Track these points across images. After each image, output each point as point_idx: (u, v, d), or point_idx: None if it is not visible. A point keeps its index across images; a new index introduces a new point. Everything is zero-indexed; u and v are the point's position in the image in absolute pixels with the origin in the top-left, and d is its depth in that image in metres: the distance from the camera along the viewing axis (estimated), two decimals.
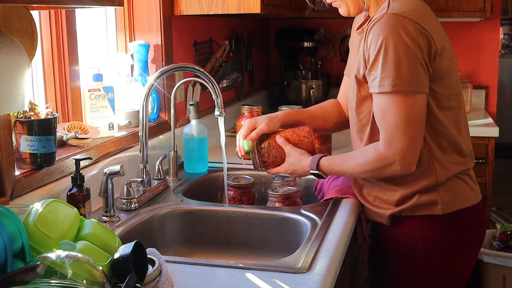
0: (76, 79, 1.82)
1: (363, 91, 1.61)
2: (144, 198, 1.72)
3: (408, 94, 1.49)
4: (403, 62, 1.47)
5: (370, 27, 1.53)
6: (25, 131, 1.44)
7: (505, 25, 7.44)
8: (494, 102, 3.58)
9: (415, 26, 1.48)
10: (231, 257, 1.70)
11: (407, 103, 1.49)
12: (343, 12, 1.67)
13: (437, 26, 1.58)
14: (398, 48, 1.46)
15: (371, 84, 1.53)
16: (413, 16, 1.49)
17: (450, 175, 1.61)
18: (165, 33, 2.16)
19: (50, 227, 1.10)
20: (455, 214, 1.63)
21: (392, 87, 1.48)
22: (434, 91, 1.55)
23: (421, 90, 1.50)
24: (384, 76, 1.48)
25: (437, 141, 1.59)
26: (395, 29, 1.47)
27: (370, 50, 1.51)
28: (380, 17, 1.51)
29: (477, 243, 1.75)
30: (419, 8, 1.55)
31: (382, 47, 1.48)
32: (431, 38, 1.50)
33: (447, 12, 3.15)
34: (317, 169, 1.65)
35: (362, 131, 1.66)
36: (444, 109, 1.59)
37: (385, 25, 1.48)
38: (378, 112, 1.53)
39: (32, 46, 1.42)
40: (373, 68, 1.51)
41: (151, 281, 1.17)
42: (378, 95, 1.52)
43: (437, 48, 1.52)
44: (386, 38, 1.47)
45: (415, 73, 1.48)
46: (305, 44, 3.49)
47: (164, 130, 2.16)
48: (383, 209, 1.67)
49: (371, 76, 1.53)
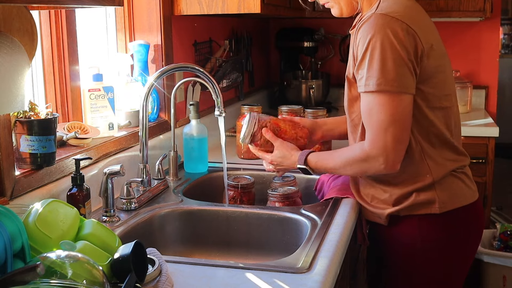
0: (76, 79, 1.82)
1: (353, 90, 1.62)
2: (144, 198, 1.72)
3: (393, 94, 1.49)
4: (389, 63, 1.47)
5: (359, 26, 1.54)
6: (25, 131, 1.44)
7: (505, 25, 7.44)
8: (494, 102, 3.58)
9: (402, 26, 1.49)
10: (231, 257, 1.70)
11: (392, 103, 1.49)
12: (336, 13, 1.68)
13: (427, 26, 1.58)
14: (384, 48, 1.47)
15: (359, 84, 1.55)
16: (401, 16, 1.50)
17: (445, 172, 1.62)
18: (165, 33, 2.16)
19: (50, 227, 1.10)
20: (452, 212, 1.63)
21: (376, 86, 1.49)
22: (423, 91, 1.56)
23: (406, 91, 1.51)
24: (370, 75, 1.49)
25: (428, 139, 1.60)
26: (383, 29, 1.48)
27: (358, 49, 1.53)
28: (368, 17, 1.52)
29: (475, 241, 1.76)
30: (408, 8, 1.56)
31: (369, 47, 1.49)
32: (418, 38, 1.51)
33: (447, 12, 3.16)
34: (305, 163, 1.66)
35: (354, 131, 1.67)
36: (434, 109, 1.59)
37: (372, 25, 1.49)
38: (365, 112, 1.55)
39: (32, 46, 1.42)
40: (360, 67, 1.53)
41: (151, 281, 1.17)
42: (364, 94, 1.53)
43: (424, 48, 1.52)
44: (373, 38, 1.48)
45: (400, 74, 1.49)
46: (305, 44, 3.49)
47: (164, 130, 2.16)
48: (381, 209, 1.67)
49: (358, 75, 1.54)
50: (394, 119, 1.50)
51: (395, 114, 1.50)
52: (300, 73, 3.62)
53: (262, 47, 3.62)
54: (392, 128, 1.50)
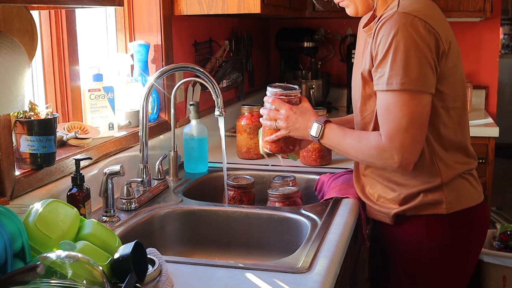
0: (76, 79, 1.82)
1: (368, 89, 1.61)
2: (144, 198, 1.72)
3: (414, 93, 1.49)
4: (413, 61, 1.47)
5: (381, 25, 1.52)
6: (25, 131, 1.44)
7: (505, 25, 7.45)
8: (494, 102, 3.58)
9: (425, 25, 1.48)
10: (231, 257, 1.70)
11: (413, 102, 1.49)
12: (351, 12, 1.67)
13: (445, 26, 1.58)
14: (408, 46, 1.47)
15: (377, 82, 1.53)
16: (423, 15, 1.49)
17: (454, 174, 1.62)
18: (165, 33, 2.16)
19: (50, 227, 1.10)
20: (459, 213, 1.63)
21: (400, 85, 1.48)
22: (440, 91, 1.55)
23: (428, 90, 1.50)
24: (393, 74, 1.48)
25: (440, 141, 1.60)
26: (406, 27, 1.47)
27: (379, 47, 1.51)
28: (390, 15, 1.50)
29: (480, 242, 1.76)
30: (428, 7, 1.55)
31: (392, 45, 1.48)
32: (439, 37, 1.51)
33: (447, 12, 3.15)
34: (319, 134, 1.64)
35: (365, 129, 1.66)
36: (449, 110, 1.59)
37: (395, 23, 1.48)
38: (382, 108, 1.53)
39: (32, 46, 1.42)
40: (381, 65, 1.51)
41: (151, 281, 1.17)
42: (383, 92, 1.52)
43: (445, 48, 1.52)
44: (396, 36, 1.47)
45: (423, 73, 1.48)
46: (305, 44, 3.49)
47: (164, 130, 2.16)
48: (387, 208, 1.67)
49: (377, 74, 1.53)
50: (413, 119, 1.49)
51: (414, 113, 1.49)
52: (300, 73, 3.62)
53: (262, 47, 3.62)
54: (411, 128, 1.49)
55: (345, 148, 1.64)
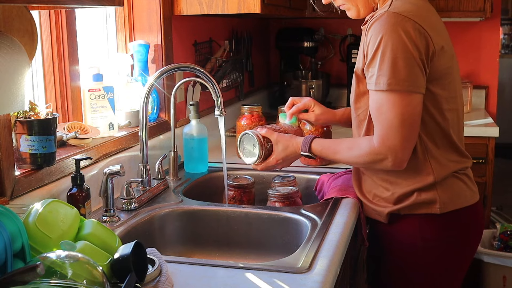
0: (76, 79, 1.82)
1: (361, 86, 1.62)
2: (144, 198, 1.72)
3: (403, 93, 1.49)
4: (400, 62, 1.47)
5: (371, 24, 1.53)
6: (25, 131, 1.44)
7: (505, 25, 7.45)
8: (494, 102, 3.58)
9: (415, 26, 1.48)
10: (231, 257, 1.70)
11: (402, 102, 1.49)
12: (352, 15, 1.67)
13: (438, 27, 1.58)
14: (396, 47, 1.47)
15: (369, 81, 1.55)
16: (413, 16, 1.50)
17: (447, 173, 1.62)
18: (165, 33, 2.16)
19: (50, 227, 1.10)
20: (453, 213, 1.63)
21: (387, 86, 1.49)
22: (432, 92, 1.56)
23: (417, 90, 1.51)
24: (381, 74, 1.49)
25: (433, 139, 1.60)
26: (395, 28, 1.48)
27: (369, 47, 1.52)
28: (381, 15, 1.51)
29: (474, 242, 1.76)
30: (421, 8, 1.56)
31: (381, 45, 1.49)
32: (430, 38, 1.51)
33: (447, 12, 3.15)
34: (309, 151, 1.68)
35: (359, 126, 1.67)
36: (441, 110, 1.59)
37: (384, 23, 1.49)
38: (374, 109, 1.55)
39: (32, 46, 1.42)
40: (371, 65, 1.52)
41: (151, 281, 1.17)
42: (374, 92, 1.53)
43: (435, 48, 1.52)
44: (384, 36, 1.48)
45: (411, 73, 1.49)
46: (305, 44, 3.49)
47: (164, 130, 2.16)
48: (382, 207, 1.67)
49: (369, 73, 1.54)
50: (403, 118, 1.50)
51: (405, 113, 1.50)
52: (300, 73, 3.62)
53: (262, 47, 3.62)
54: (402, 128, 1.50)
55: (340, 159, 1.67)
